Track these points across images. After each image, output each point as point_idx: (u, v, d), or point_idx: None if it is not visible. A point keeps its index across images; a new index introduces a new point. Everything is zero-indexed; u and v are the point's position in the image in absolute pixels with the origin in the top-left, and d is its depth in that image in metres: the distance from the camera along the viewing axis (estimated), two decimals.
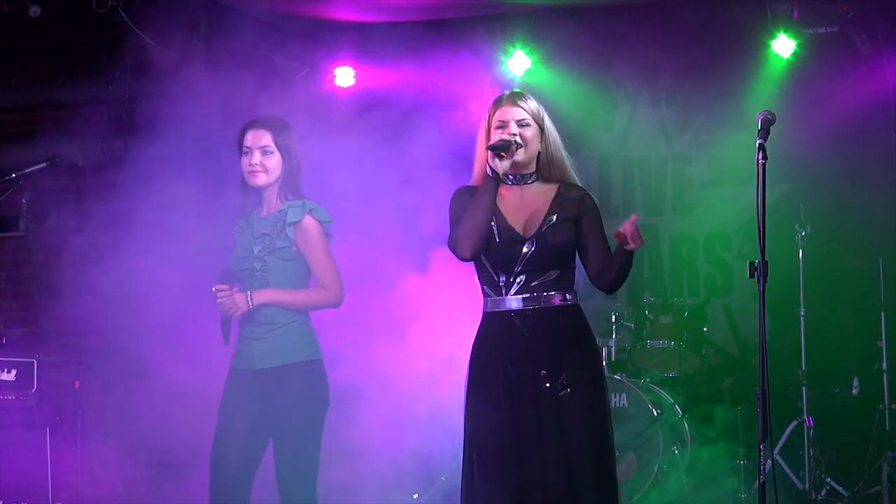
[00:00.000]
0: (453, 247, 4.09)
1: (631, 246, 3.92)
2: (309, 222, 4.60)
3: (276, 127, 4.68)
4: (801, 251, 7.13)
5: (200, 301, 6.24)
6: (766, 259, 3.92)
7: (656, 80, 7.94)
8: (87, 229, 6.70)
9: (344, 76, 7.73)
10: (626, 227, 3.89)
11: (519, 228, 4.06)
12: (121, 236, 6.49)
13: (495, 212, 4.07)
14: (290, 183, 4.67)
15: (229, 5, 6.73)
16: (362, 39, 7.54)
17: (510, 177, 4.10)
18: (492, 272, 4.10)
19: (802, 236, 7.14)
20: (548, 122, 4.12)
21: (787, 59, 7.42)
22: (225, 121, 5.21)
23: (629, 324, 7.30)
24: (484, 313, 4.15)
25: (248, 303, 4.54)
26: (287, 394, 4.54)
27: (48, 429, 6.36)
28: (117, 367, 6.91)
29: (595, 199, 4.17)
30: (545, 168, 4.11)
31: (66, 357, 7.08)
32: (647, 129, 8.10)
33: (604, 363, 4.20)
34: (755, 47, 7.46)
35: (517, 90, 4.19)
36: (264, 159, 4.62)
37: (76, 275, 6.69)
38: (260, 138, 4.63)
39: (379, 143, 6.88)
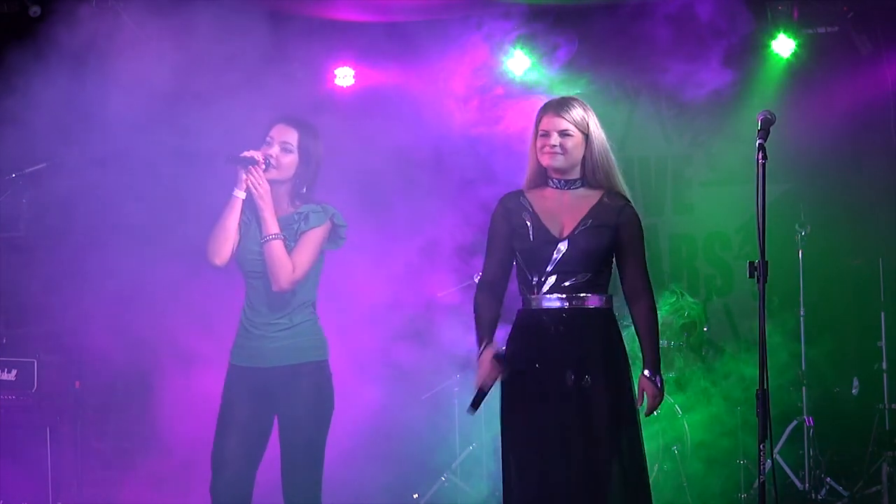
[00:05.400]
0: None
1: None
2: (326, 227, 4.50)
3: (306, 129, 4.53)
4: (801, 251, 7.14)
5: (200, 300, 6.27)
6: (766, 259, 3.93)
7: (656, 80, 7.93)
8: (87, 229, 6.69)
9: (344, 76, 7.74)
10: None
11: (554, 230, 4.10)
12: (121, 236, 6.49)
13: (532, 213, 4.11)
14: (302, 188, 4.53)
15: (229, 6, 6.73)
16: (362, 39, 7.54)
17: (554, 181, 4.15)
18: (526, 272, 4.14)
19: (802, 236, 7.15)
20: (593, 129, 4.17)
21: (787, 59, 7.43)
22: (226, 121, 5.21)
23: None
24: (518, 311, 4.20)
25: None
26: (298, 393, 4.46)
27: (48, 429, 6.36)
28: (117, 367, 6.91)
29: (638, 212, 4.20)
30: (590, 174, 4.15)
31: (66, 357, 7.07)
32: (647, 129, 8.10)
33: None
34: (755, 47, 7.46)
35: (566, 97, 4.24)
36: (280, 155, 4.47)
37: (76, 275, 6.69)
38: (284, 133, 4.50)
39: (379, 142, 6.88)
